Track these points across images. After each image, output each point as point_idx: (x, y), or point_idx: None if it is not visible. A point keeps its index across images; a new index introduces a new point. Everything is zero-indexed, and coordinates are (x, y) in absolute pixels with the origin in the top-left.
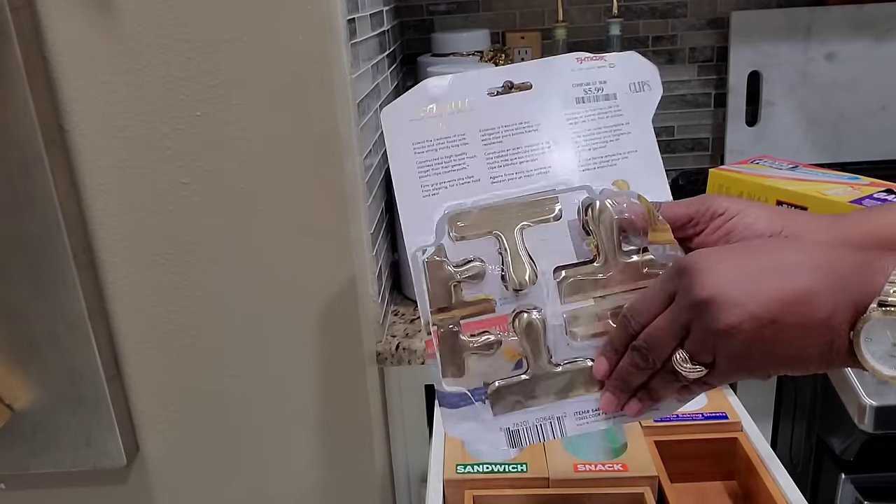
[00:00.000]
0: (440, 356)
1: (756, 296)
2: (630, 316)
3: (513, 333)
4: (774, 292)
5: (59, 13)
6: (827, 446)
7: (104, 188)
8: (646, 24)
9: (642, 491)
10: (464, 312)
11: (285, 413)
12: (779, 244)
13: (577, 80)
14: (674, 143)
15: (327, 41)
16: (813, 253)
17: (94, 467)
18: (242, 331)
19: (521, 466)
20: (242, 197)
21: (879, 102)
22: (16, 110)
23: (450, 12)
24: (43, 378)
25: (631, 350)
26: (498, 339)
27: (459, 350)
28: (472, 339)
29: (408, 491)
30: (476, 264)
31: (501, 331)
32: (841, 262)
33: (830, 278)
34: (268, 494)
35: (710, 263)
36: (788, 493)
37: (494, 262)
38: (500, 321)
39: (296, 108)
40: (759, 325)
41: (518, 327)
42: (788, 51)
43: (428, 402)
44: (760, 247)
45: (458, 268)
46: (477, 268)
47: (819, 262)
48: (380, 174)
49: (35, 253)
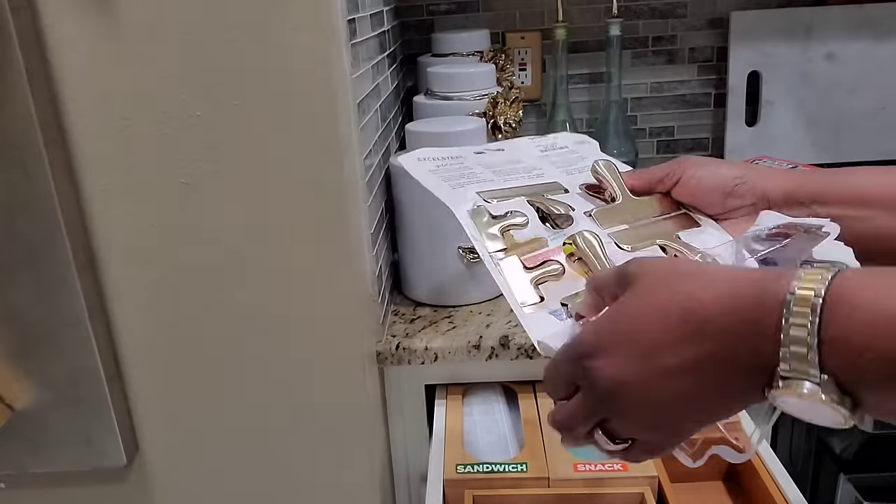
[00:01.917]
0: (513, 284)
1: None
2: (546, 390)
3: (573, 259)
4: (669, 389)
5: (59, 13)
6: (826, 446)
7: (104, 188)
8: (646, 25)
9: (642, 491)
10: (521, 251)
11: (285, 413)
12: (671, 316)
13: (536, 143)
14: (674, 143)
15: (327, 41)
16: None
17: (93, 467)
18: (242, 330)
19: (521, 466)
20: (242, 197)
21: (879, 102)
22: (16, 110)
23: (450, 12)
24: (43, 378)
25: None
26: (561, 264)
27: (528, 279)
28: (538, 268)
29: (408, 491)
30: (517, 210)
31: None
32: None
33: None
34: (268, 494)
35: (604, 346)
36: (788, 492)
37: (531, 215)
38: (554, 252)
39: (296, 108)
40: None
41: (580, 244)
42: (788, 51)
43: (428, 402)
44: (649, 320)
45: (500, 217)
46: (518, 213)
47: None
48: (380, 174)
49: (35, 253)
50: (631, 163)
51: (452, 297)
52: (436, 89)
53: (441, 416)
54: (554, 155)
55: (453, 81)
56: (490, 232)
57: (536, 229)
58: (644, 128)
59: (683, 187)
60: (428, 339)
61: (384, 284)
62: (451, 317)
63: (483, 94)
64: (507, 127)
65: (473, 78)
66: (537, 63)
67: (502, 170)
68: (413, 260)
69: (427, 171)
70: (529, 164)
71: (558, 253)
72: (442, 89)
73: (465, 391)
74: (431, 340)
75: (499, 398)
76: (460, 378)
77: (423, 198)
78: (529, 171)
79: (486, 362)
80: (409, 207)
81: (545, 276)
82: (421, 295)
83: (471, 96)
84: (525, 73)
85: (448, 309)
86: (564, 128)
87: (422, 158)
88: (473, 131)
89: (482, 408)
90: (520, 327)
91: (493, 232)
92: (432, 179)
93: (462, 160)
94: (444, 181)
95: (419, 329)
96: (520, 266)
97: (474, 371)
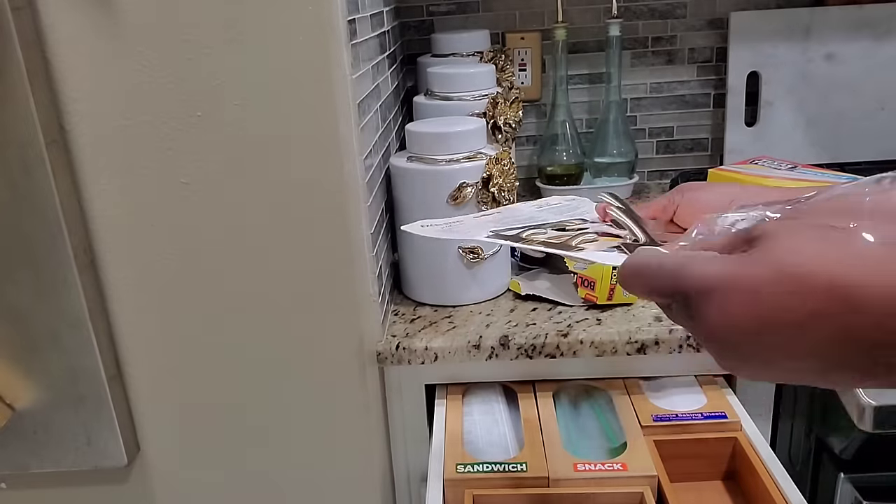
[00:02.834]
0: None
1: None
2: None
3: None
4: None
5: (59, 13)
6: (826, 446)
7: (105, 188)
8: (645, 25)
9: (642, 491)
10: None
11: (285, 413)
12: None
13: (530, 204)
14: (673, 144)
15: (327, 41)
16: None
17: (94, 467)
18: (242, 330)
19: (521, 466)
20: (243, 197)
21: (879, 102)
22: (17, 110)
23: (450, 13)
24: (44, 377)
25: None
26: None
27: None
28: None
29: (408, 491)
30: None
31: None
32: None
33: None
34: (268, 493)
35: (722, 292)
36: (787, 492)
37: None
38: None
39: (296, 109)
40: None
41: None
42: (788, 51)
43: (428, 402)
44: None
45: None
46: (534, 227)
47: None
48: (380, 174)
49: (36, 253)
50: (631, 163)
51: (452, 297)
52: (436, 90)
53: (441, 416)
54: (549, 208)
55: (453, 82)
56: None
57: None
58: (644, 128)
59: (684, 210)
60: (428, 339)
61: (384, 284)
62: (451, 317)
63: (483, 94)
64: (506, 127)
65: (473, 78)
66: (537, 63)
67: (504, 219)
68: (413, 260)
69: (437, 232)
70: (528, 215)
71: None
72: (442, 90)
73: (465, 391)
74: (431, 340)
75: (499, 398)
76: (460, 378)
77: (423, 198)
78: (528, 220)
79: (486, 362)
80: (409, 207)
81: (583, 241)
82: (421, 295)
83: (471, 96)
84: (525, 74)
85: (448, 309)
86: (564, 128)
87: (426, 225)
88: (473, 131)
89: (482, 408)
90: (519, 326)
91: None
92: (437, 231)
93: (463, 222)
94: (450, 231)
95: (419, 329)
96: (555, 241)
97: (474, 371)
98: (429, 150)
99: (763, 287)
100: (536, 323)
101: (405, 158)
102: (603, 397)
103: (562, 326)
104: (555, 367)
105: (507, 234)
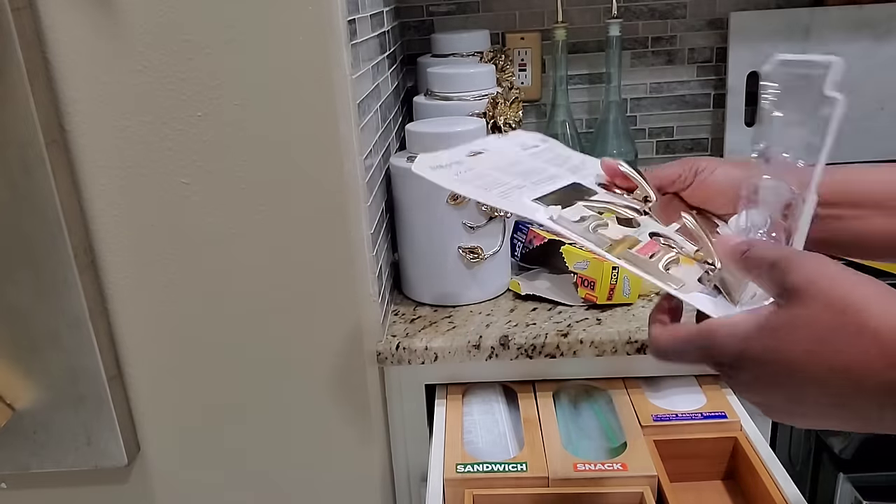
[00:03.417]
0: (649, 273)
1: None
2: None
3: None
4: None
5: (60, 14)
6: (826, 445)
7: (105, 188)
8: (645, 25)
9: (642, 490)
10: (622, 248)
11: (285, 413)
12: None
13: (513, 142)
14: (673, 144)
15: (327, 41)
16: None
17: (94, 467)
18: (243, 330)
19: (521, 466)
20: (243, 197)
21: (879, 103)
22: (17, 110)
23: (450, 13)
24: (44, 378)
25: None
26: (675, 251)
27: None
28: (655, 256)
29: (408, 491)
30: (591, 214)
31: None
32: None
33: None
34: (268, 493)
35: (752, 360)
36: (787, 492)
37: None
38: (652, 246)
39: (296, 108)
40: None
41: (688, 225)
42: (788, 51)
43: (428, 402)
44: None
45: (581, 221)
46: (596, 217)
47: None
48: (380, 174)
49: (36, 253)
50: (631, 163)
51: (452, 297)
52: (436, 90)
53: (441, 416)
54: (533, 151)
55: (453, 82)
56: (588, 236)
57: (620, 229)
58: (643, 128)
59: (697, 190)
60: (428, 339)
61: (384, 284)
62: (451, 317)
63: (483, 94)
64: (506, 127)
65: (473, 78)
66: (537, 63)
67: (516, 171)
68: (413, 260)
69: (452, 178)
70: (532, 165)
71: (655, 246)
72: (442, 90)
73: (465, 391)
74: (431, 340)
75: (499, 398)
76: (460, 378)
77: (424, 198)
78: (540, 173)
79: (485, 362)
80: (409, 207)
81: (669, 263)
82: (421, 295)
83: (471, 97)
84: (525, 74)
85: (448, 309)
86: (564, 128)
87: (434, 167)
88: (473, 131)
89: (482, 407)
90: (519, 326)
91: (590, 236)
92: (468, 188)
93: (463, 163)
94: (482, 188)
95: (419, 329)
96: (646, 257)
97: (474, 371)
98: (429, 151)
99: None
100: (536, 323)
101: (405, 158)
102: (603, 397)
103: (562, 326)
104: (555, 367)
105: (568, 216)
